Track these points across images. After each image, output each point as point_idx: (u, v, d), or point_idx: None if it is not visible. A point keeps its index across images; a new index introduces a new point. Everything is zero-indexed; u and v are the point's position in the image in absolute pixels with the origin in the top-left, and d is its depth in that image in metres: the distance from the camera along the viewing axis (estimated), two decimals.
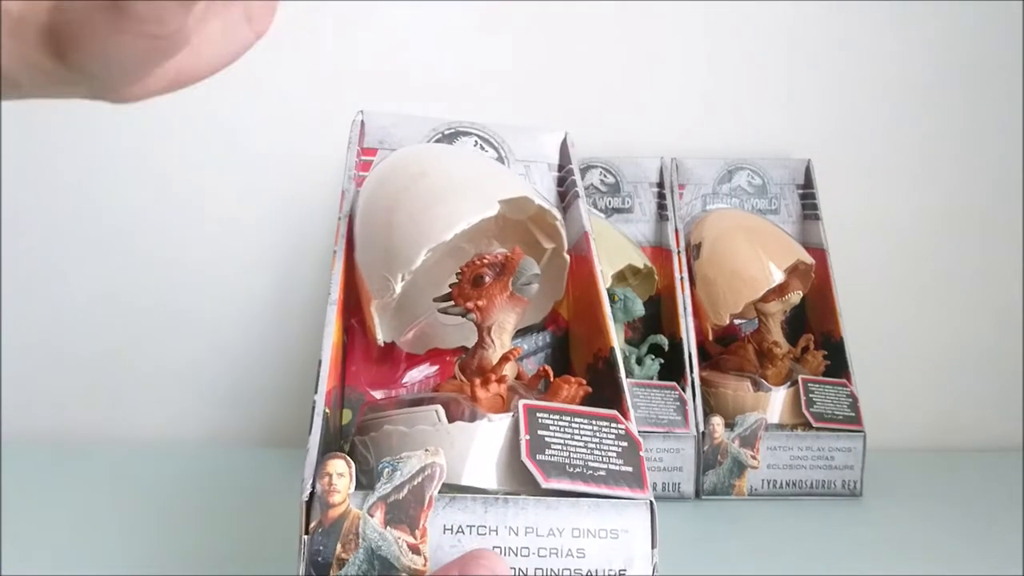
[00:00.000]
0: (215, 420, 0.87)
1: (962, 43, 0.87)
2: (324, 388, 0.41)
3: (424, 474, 0.36)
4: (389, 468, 0.36)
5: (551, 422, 0.38)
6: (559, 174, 0.56)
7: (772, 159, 0.83)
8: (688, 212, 0.82)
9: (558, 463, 0.37)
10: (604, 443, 0.38)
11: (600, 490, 0.36)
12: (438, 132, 0.55)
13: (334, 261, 0.48)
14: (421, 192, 0.46)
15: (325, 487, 0.35)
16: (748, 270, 0.74)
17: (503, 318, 0.46)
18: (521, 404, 0.39)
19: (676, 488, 0.69)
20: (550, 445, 0.37)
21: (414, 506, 0.35)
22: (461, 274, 0.47)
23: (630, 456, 0.38)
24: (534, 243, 0.52)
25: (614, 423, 0.39)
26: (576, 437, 0.38)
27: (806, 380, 0.72)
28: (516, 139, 0.55)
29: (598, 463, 0.37)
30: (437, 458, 0.36)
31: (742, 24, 0.86)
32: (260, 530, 0.60)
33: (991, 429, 0.88)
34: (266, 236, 0.86)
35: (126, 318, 0.86)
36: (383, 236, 0.46)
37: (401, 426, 0.41)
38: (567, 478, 0.36)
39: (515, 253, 0.45)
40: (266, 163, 0.85)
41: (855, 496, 0.70)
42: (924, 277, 0.89)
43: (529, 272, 0.44)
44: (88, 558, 0.56)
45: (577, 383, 0.44)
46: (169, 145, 0.85)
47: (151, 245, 0.86)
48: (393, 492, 0.35)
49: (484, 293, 0.45)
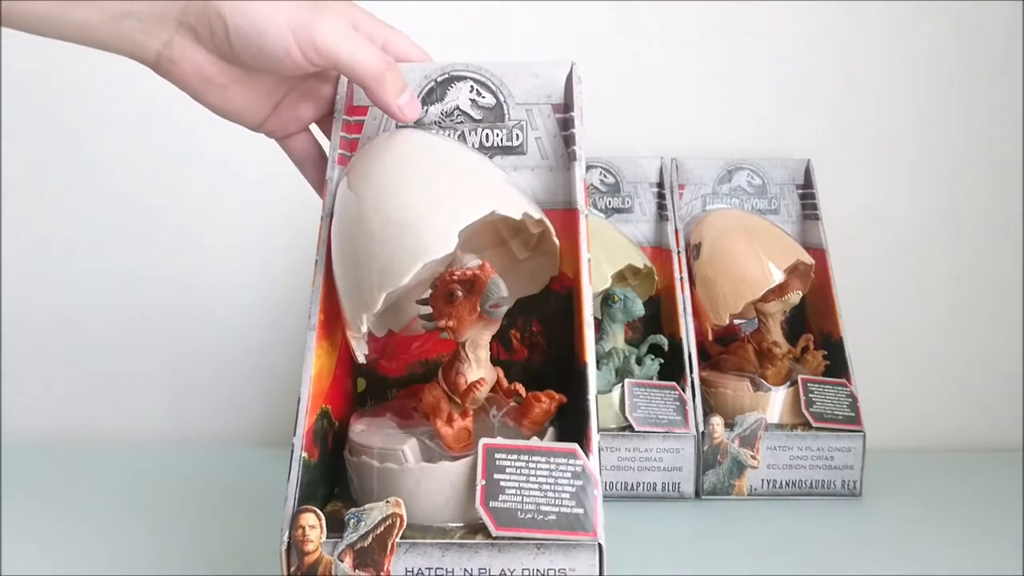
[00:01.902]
0: (215, 420, 0.87)
1: (962, 44, 0.87)
2: (303, 429, 0.43)
3: (386, 524, 0.40)
4: (355, 519, 0.40)
5: (508, 463, 0.41)
6: (563, 116, 0.51)
7: (772, 159, 0.83)
8: (688, 212, 0.82)
9: (510, 509, 0.39)
10: (559, 483, 0.40)
11: (548, 536, 0.39)
12: (431, 79, 0.51)
13: (315, 274, 0.47)
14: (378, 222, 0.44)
15: (299, 538, 0.40)
16: (748, 270, 0.74)
17: (476, 335, 0.46)
18: (481, 445, 0.41)
19: (676, 488, 0.69)
20: (504, 490, 0.40)
21: (378, 552, 0.39)
22: (435, 287, 0.46)
23: (583, 496, 0.40)
24: (524, 225, 0.50)
25: (572, 459, 0.41)
26: (531, 479, 0.40)
27: (806, 380, 0.72)
28: (516, 78, 0.51)
29: (550, 506, 0.39)
30: (398, 509, 0.40)
31: (742, 24, 0.86)
32: (260, 530, 0.60)
33: (991, 429, 0.88)
34: (266, 236, 0.86)
35: (126, 319, 0.86)
36: (346, 268, 0.45)
37: (375, 461, 0.44)
38: (517, 525, 0.39)
39: (484, 271, 0.44)
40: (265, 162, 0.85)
41: (855, 496, 0.70)
42: (923, 277, 0.89)
43: (496, 295, 0.44)
44: (88, 558, 0.56)
45: (548, 398, 0.45)
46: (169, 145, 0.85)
47: (151, 246, 0.86)
48: (359, 540, 0.40)
49: (454, 312, 0.45)
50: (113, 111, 0.84)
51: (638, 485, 0.69)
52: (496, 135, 0.51)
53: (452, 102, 0.51)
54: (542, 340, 0.53)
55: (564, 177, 0.51)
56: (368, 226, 0.44)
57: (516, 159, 0.51)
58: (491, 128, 0.51)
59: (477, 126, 0.51)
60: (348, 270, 0.45)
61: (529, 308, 0.52)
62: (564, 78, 0.51)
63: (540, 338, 0.53)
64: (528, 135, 0.51)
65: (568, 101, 0.51)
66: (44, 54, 0.83)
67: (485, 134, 0.51)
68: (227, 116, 0.48)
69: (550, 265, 0.51)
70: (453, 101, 0.51)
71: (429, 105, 0.51)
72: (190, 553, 0.58)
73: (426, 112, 0.51)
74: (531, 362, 0.53)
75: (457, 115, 0.51)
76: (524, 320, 0.50)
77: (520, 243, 0.52)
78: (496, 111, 0.51)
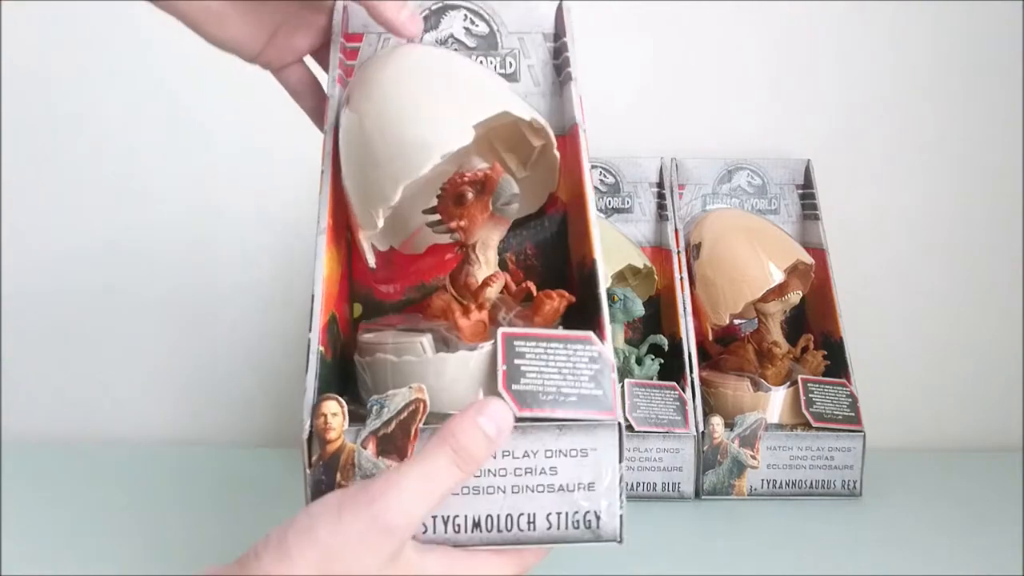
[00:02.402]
0: (215, 420, 0.87)
1: (962, 43, 0.87)
2: (318, 325, 0.43)
3: (409, 409, 0.39)
4: (377, 405, 0.39)
5: (527, 350, 0.41)
6: (555, 44, 0.53)
7: (772, 159, 0.83)
8: (688, 212, 0.82)
9: (532, 391, 0.39)
10: (577, 367, 0.40)
11: (570, 414, 0.39)
12: (425, 8, 0.52)
13: (321, 183, 0.47)
14: (393, 120, 0.45)
15: (321, 426, 0.39)
16: (748, 270, 0.74)
17: (486, 235, 0.47)
18: (500, 333, 0.41)
19: (676, 488, 0.69)
20: (525, 374, 0.40)
21: (401, 438, 0.39)
22: (444, 190, 0.47)
23: (601, 379, 0.40)
24: (523, 139, 0.51)
25: (588, 345, 0.41)
26: (550, 364, 0.40)
27: (806, 380, 0.72)
28: (508, 9, 0.53)
29: (570, 388, 0.40)
30: (420, 395, 0.39)
31: (742, 24, 0.86)
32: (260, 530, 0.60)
33: (991, 429, 0.88)
34: (266, 236, 0.86)
35: (126, 319, 0.86)
36: (360, 166, 0.46)
37: (391, 355, 0.44)
38: (539, 406, 0.39)
39: (495, 171, 0.45)
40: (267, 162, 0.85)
41: (855, 496, 0.70)
42: (924, 277, 0.89)
43: (508, 192, 0.44)
44: (88, 558, 0.56)
45: (559, 296, 0.45)
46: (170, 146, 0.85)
47: (152, 246, 0.86)
48: (382, 427, 0.39)
49: (466, 213, 0.45)
50: (114, 110, 0.84)
51: (638, 485, 0.69)
52: (489, 62, 0.53)
53: (446, 30, 0.53)
54: (537, 263, 0.54)
55: (556, 104, 0.52)
56: (381, 126, 0.45)
57: (510, 86, 0.52)
58: (484, 56, 0.53)
59: (471, 53, 0.53)
60: (361, 171, 0.46)
61: (524, 231, 0.53)
62: (554, 7, 0.53)
63: (535, 260, 0.54)
64: (521, 63, 0.53)
65: (559, 30, 0.53)
66: (44, 53, 0.83)
67: (479, 61, 0.53)
68: (224, 46, 0.49)
69: (546, 183, 0.52)
70: (447, 29, 0.53)
71: (424, 33, 0.52)
72: (190, 553, 0.58)
73: (421, 39, 0.52)
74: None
75: (451, 43, 0.53)
76: (519, 243, 0.50)
77: (516, 160, 0.53)
78: (489, 39, 0.53)
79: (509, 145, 0.53)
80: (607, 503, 0.39)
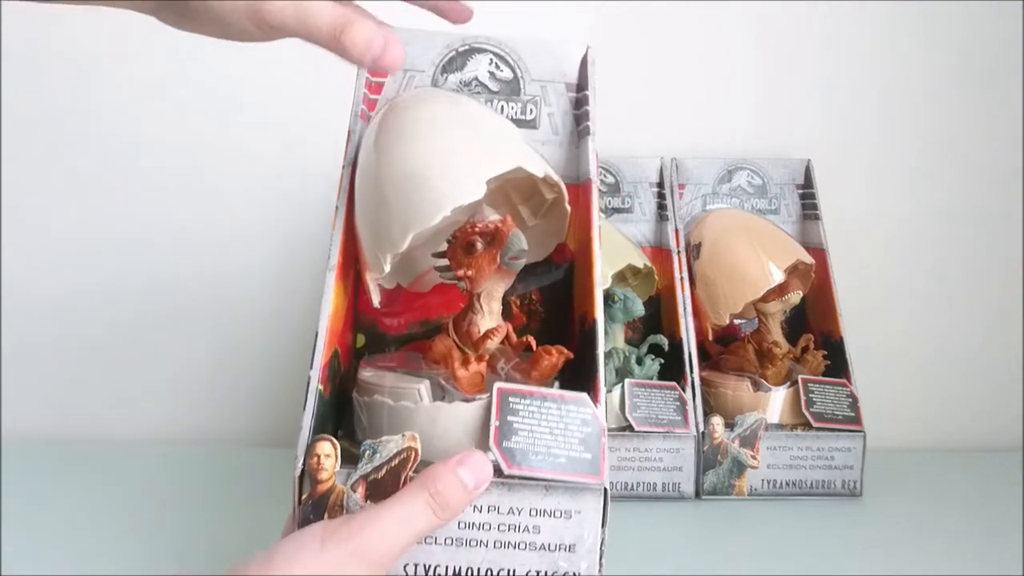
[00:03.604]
0: (214, 420, 0.87)
1: (962, 43, 0.87)
2: (320, 363, 0.44)
3: (400, 457, 0.40)
4: (370, 451, 0.40)
5: (521, 407, 0.41)
6: (576, 95, 0.53)
7: (772, 159, 0.83)
8: (688, 212, 0.82)
9: (522, 449, 0.40)
10: (569, 428, 0.41)
11: (558, 476, 0.40)
12: (452, 49, 0.52)
13: (335, 219, 0.47)
14: (409, 167, 0.45)
15: (314, 466, 0.40)
16: (748, 270, 0.74)
17: (492, 286, 0.47)
18: (496, 388, 0.42)
19: (676, 488, 0.69)
20: (517, 432, 0.41)
21: (391, 484, 0.40)
22: (455, 238, 0.47)
23: (591, 442, 0.41)
24: (538, 190, 0.52)
25: (581, 406, 0.42)
26: (543, 423, 0.41)
27: (806, 380, 0.72)
28: (534, 55, 0.53)
29: (560, 449, 0.40)
30: (413, 443, 0.40)
31: (742, 24, 0.87)
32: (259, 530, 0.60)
33: (991, 429, 0.88)
34: (266, 236, 0.86)
35: (126, 320, 0.86)
36: (373, 209, 0.46)
37: (388, 399, 0.45)
38: (528, 465, 0.40)
39: (506, 224, 0.45)
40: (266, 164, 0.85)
41: (855, 496, 0.70)
42: (924, 277, 0.89)
43: (517, 247, 0.45)
44: (88, 558, 0.56)
45: (558, 352, 0.46)
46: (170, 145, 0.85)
47: (152, 247, 0.86)
48: (373, 472, 0.40)
49: (474, 262, 0.46)
50: (114, 107, 0.84)
51: (638, 485, 0.69)
52: (511, 107, 0.53)
53: (471, 72, 0.53)
54: (541, 308, 0.55)
55: (573, 153, 0.53)
56: (396, 172, 0.45)
57: (528, 133, 0.53)
58: (506, 100, 0.53)
59: (493, 97, 0.53)
60: (374, 213, 0.46)
61: (530, 276, 0.54)
62: (579, 59, 0.53)
63: (539, 306, 0.55)
64: (541, 110, 0.53)
65: (582, 81, 0.53)
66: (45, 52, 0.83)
67: (500, 106, 0.53)
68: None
69: (556, 233, 0.53)
70: (472, 72, 0.53)
71: (449, 74, 0.53)
72: (190, 553, 0.58)
73: (446, 80, 0.52)
74: (528, 329, 0.54)
75: (475, 85, 0.53)
76: (524, 287, 0.51)
77: (529, 209, 0.54)
78: (512, 85, 0.53)
79: (524, 196, 0.53)
80: (586, 564, 0.40)
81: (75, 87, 0.84)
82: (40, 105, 0.84)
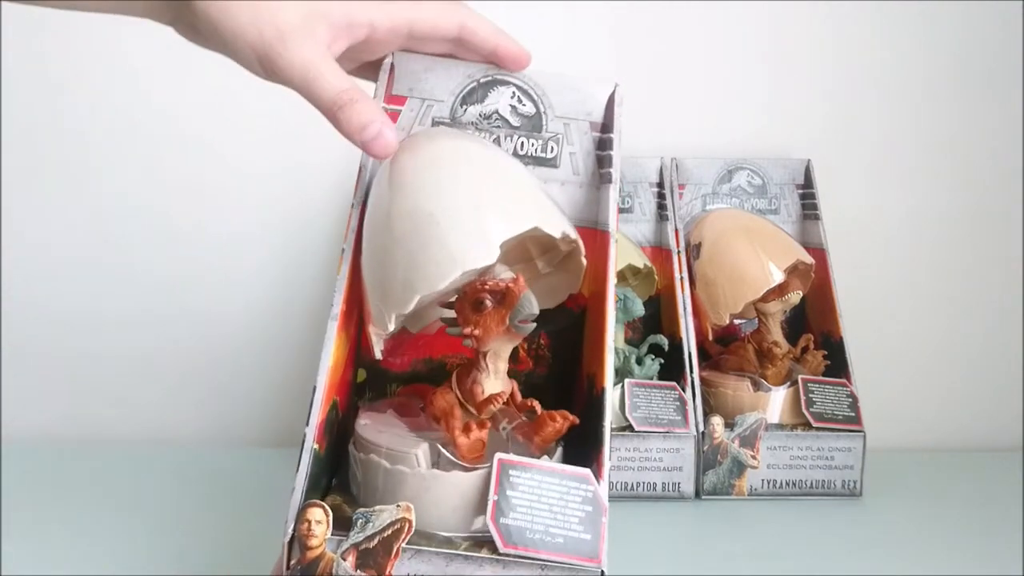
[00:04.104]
0: (214, 420, 0.87)
1: (962, 43, 0.87)
2: (316, 420, 0.42)
3: (394, 528, 0.39)
4: (363, 520, 0.40)
5: (521, 481, 0.40)
6: (600, 135, 0.51)
7: (772, 159, 0.83)
8: (688, 212, 0.82)
9: (519, 527, 0.39)
10: (569, 507, 0.40)
11: (555, 557, 0.39)
12: (473, 79, 0.50)
13: (341, 262, 0.46)
14: (418, 221, 0.43)
15: (304, 532, 0.39)
16: (748, 270, 0.74)
17: (499, 346, 0.46)
18: (496, 459, 0.41)
19: (676, 488, 0.69)
20: (515, 508, 0.40)
21: (382, 555, 0.39)
22: (464, 293, 0.46)
23: (591, 522, 0.40)
24: (553, 244, 0.50)
25: (584, 484, 0.41)
26: (542, 499, 0.40)
27: (806, 380, 0.72)
28: (559, 91, 0.50)
29: (559, 528, 0.39)
30: (407, 515, 0.40)
31: (742, 24, 0.86)
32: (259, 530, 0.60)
33: (991, 429, 0.88)
34: (267, 235, 0.86)
35: (126, 319, 0.86)
36: (380, 260, 0.44)
37: (385, 461, 0.43)
38: (524, 544, 0.39)
39: (518, 285, 0.44)
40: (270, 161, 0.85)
41: (855, 496, 0.70)
42: (924, 277, 0.89)
43: (527, 311, 0.44)
44: (88, 558, 0.56)
45: (563, 418, 0.44)
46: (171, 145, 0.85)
47: (151, 247, 0.86)
48: (365, 541, 0.39)
49: (482, 321, 0.44)
50: (115, 109, 0.84)
51: (638, 485, 0.69)
52: (531, 144, 0.51)
53: (492, 105, 0.50)
54: (548, 354, 0.53)
55: (592, 195, 0.51)
56: (405, 224, 0.43)
57: (548, 171, 0.51)
58: (527, 137, 0.51)
59: (514, 133, 0.51)
60: (380, 266, 0.44)
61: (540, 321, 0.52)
62: (606, 97, 0.51)
63: (547, 351, 0.53)
64: (563, 149, 0.51)
65: (608, 121, 0.51)
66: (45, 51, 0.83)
67: (520, 142, 0.51)
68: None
69: (570, 283, 0.51)
70: (493, 105, 0.50)
71: (469, 105, 0.50)
72: (190, 553, 0.58)
73: (465, 111, 0.50)
74: (535, 374, 0.53)
75: (495, 119, 0.50)
76: (534, 332, 0.49)
77: (546, 261, 0.52)
78: (535, 120, 0.51)
79: (542, 249, 0.51)
80: None
81: (76, 92, 0.84)
82: (41, 109, 0.84)
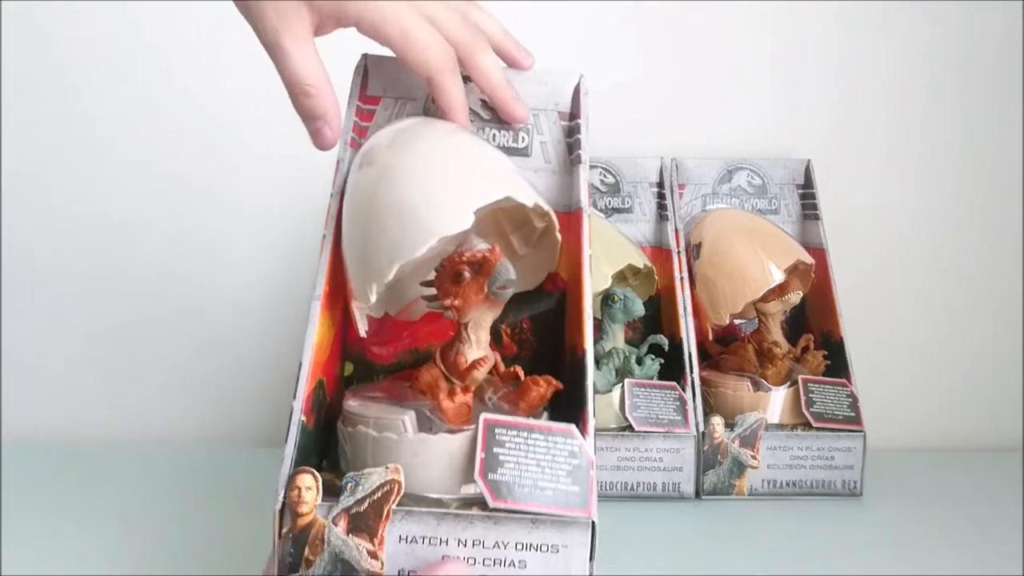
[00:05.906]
0: (212, 420, 0.87)
1: (962, 43, 0.87)
2: (303, 393, 0.43)
3: (384, 490, 0.40)
4: (352, 483, 0.40)
5: (507, 439, 0.41)
6: (569, 124, 0.53)
7: (772, 159, 0.83)
8: (688, 212, 0.82)
9: (508, 482, 0.40)
10: (556, 460, 0.41)
11: (544, 510, 0.39)
12: None
13: (322, 248, 0.47)
14: (395, 197, 0.45)
15: (294, 499, 0.40)
16: (748, 270, 0.74)
17: (480, 316, 0.46)
18: (482, 419, 0.41)
19: (676, 488, 0.69)
20: (503, 464, 0.40)
21: (373, 518, 0.39)
22: (442, 267, 0.47)
23: (579, 474, 0.40)
24: (529, 219, 0.52)
25: (569, 439, 0.41)
26: (530, 455, 0.41)
27: (806, 380, 0.72)
28: (525, 84, 0.52)
29: (547, 482, 0.40)
30: (396, 476, 0.40)
31: (742, 24, 0.87)
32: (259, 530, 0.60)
33: (991, 429, 0.88)
34: (263, 235, 0.86)
35: (125, 319, 0.86)
36: (359, 239, 0.46)
37: (372, 430, 0.44)
38: (514, 498, 0.40)
39: (493, 254, 0.45)
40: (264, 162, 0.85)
41: (855, 496, 0.70)
42: (924, 277, 0.89)
43: (504, 277, 0.45)
44: (88, 558, 0.56)
45: (546, 383, 0.45)
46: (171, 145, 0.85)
47: (149, 247, 0.86)
48: (355, 504, 0.39)
49: (461, 292, 0.45)
50: (116, 107, 0.84)
51: (638, 485, 0.69)
52: (503, 135, 0.53)
53: None
54: (532, 337, 0.54)
55: (566, 181, 0.52)
56: (383, 201, 0.45)
57: (520, 160, 0.52)
58: (498, 128, 0.53)
59: (485, 125, 0.53)
60: (360, 243, 0.46)
61: (521, 305, 0.53)
62: (572, 88, 0.53)
63: (530, 335, 0.54)
64: (534, 138, 0.53)
65: (575, 110, 0.53)
66: (44, 51, 0.83)
67: (492, 134, 0.53)
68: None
69: (547, 262, 0.52)
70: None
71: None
72: (189, 553, 0.58)
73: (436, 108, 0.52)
74: (519, 358, 0.54)
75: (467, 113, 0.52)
76: (515, 316, 0.50)
77: (521, 238, 0.53)
78: None
79: (515, 225, 0.53)
80: None
81: (74, 89, 0.84)
82: (40, 106, 0.84)
